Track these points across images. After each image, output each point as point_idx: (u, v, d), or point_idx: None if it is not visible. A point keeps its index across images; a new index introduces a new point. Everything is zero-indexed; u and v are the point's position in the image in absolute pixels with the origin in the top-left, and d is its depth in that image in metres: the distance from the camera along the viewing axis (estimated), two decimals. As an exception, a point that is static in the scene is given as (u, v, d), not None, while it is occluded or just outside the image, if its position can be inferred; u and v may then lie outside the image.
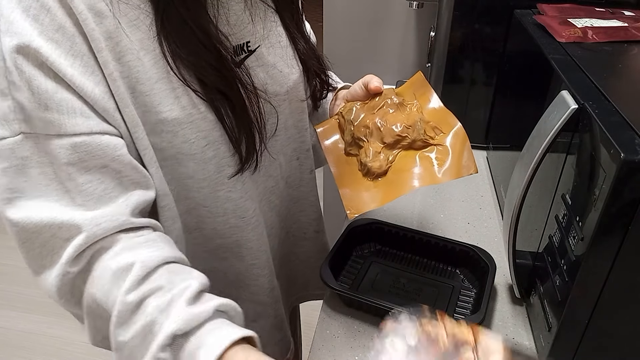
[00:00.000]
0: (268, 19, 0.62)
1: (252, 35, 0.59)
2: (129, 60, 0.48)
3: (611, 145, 0.44)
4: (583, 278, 0.50)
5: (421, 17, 1.32)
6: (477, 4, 0.96)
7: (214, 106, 0.54)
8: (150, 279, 0.48)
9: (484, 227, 0.85)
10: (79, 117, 0.46)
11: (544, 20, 0.76)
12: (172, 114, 0.51)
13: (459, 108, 1.06)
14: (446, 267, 0.76)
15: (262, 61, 0.60)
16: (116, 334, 0.47)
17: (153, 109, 0.51)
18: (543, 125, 0.57)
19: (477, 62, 1.01)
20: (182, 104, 0.52)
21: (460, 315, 0.68)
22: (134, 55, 0.49)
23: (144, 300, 0.46)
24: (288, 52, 0.65)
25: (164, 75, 0.50)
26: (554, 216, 0.58)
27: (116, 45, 0.48)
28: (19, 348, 1.77)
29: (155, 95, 0.50)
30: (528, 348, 0.64)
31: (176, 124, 0.52)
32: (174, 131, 0.52)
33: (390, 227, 0.78)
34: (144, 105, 0.50)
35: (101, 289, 0.48)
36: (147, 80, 0.50)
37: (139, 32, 0.49)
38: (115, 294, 0.47)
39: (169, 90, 0.51)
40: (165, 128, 0.52)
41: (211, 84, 0.53)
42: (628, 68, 0.66)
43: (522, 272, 0.67)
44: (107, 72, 0.47)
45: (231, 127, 0.56)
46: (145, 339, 0.45)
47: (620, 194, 0.44)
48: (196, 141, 0.54)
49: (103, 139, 0.48)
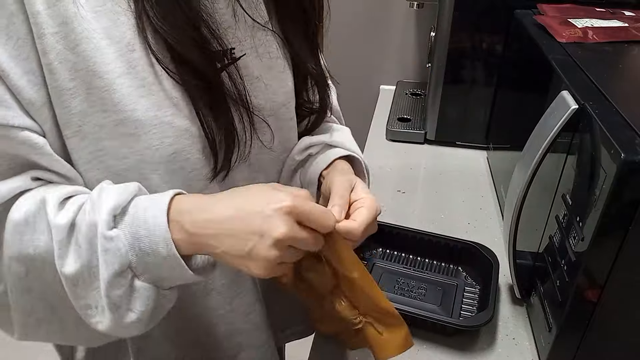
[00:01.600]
0: (257, 26, 0.55)
1: (239, 42, 0.53)
2: (85, 50, 0.43)
3: (611, 145, 0.44)
4: (583, 278, 0.50)
5: (421, 17, 1.32)
6: (478, 4, 0.96)
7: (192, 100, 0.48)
8: (68, 201, 0.45)
9: (484, 227, 0.85)
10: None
11: (544, 21, 0.76)
12: (135, 115, 0.45)
13: (459, 108, 1.07)
14: (449, 265, 0.76)
15: (247, 71, 0.54)
16: (62, 265, 0.43)
17: (113, 107, 0.45)
18: (543, 126, 0.57)
19: (477, 62, 1.01)
20: (147, 104, 0.46)
21: (468, 312, 0.68)
22: (93, 44, 0.43)
23: (74, 219, 0.43)
24: (278, 65, 0.58)
25: (129, 70, 0.45)
26: (555, 216, 0.58)
27: (71, 32, 0.42)
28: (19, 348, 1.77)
29: (115, 92, 0.44)
30: (528, 348, 0.64)
31: (139, 126, 0.46)
32: (136, 134, 0.46)
33: (390, 228, 0.78)
34: (101, 104, 0.44)
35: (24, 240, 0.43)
36: (106, 74, 0.44)
37: (105, 19, 0.43)
38: (43, 228, 0.43)
39: (133, 88, 0.45)
40: (126, 130, 0.46)
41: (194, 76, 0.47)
42: (628, 68, 0.66)
43: (523, 273, 0.67)
44: (46, 61, 0.42)
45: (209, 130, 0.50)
46: (92, 242, 0.43)
47: (621, 194, 0.44)
48: (161, 148, 0.47)
49: (21, 134, 0.43)
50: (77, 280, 0.43)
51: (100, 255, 0.42)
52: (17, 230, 0.43)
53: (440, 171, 1.02)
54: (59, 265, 0.43)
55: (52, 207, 0.43)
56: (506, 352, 0.64)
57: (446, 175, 1.01)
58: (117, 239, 0.43)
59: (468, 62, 1.02)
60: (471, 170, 1.02)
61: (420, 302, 0.69)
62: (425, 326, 0.65)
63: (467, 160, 1.06)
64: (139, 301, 0.45)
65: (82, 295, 0.44)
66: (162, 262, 0.43)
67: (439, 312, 0.67)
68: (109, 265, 0.42)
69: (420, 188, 0.97)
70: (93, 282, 0.44)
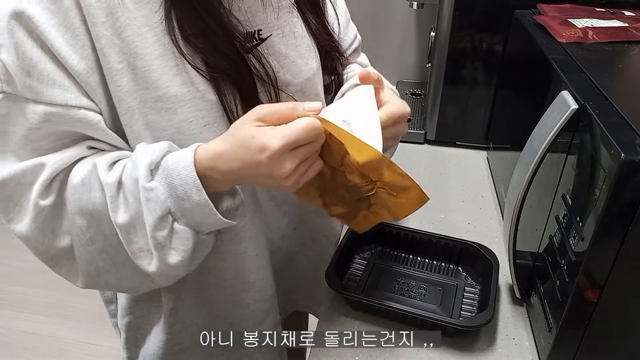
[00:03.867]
0: (283, 8, 0.61)
1: (264, 24, 0.58)
2: (128, 36, 0.49)
3: (611, 145, 0.44)
4: (583, 278, 0.50)
5: (421, 17, 1.32)
6: (478, 4, 0.96)
7: (215, 86, 0.54)
8: (116, 164, 0.52)
9: (484, 227, 0.85)
10: (57, 88, 0.48)
11: (544, 21, 0.76)
12: (171, 91, 0.52)
13: (459, 108, 1.07)
14: (449, 265, 0.76)
15: (274, 50, 0.59)
16: (116, 217, 0.50)
17: (152, 84, 0.51)
18: (543, 126, 0.57)
19: (477, 62, 1.01)
20: (181, 81, 0.52)
21: (468, 313, 0.68)
22: (134, 30, 0.50)
23: (121, 177, 0.51)
24: (304, 44, 0.63)
25: (165, 52, 0.51)
26: (555, 216, 0.58)
27: (116, 21, 0.49)
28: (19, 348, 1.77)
29: (154, 71, 0.51)
30: (528, 348, 0.64)
31: (175, 101, 0.52)
32: (173, 109, 0.53)
33: (391, 228, 0.78)
34: (144, 82, 0.51)
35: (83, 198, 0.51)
36: (147, 56, 0.50)
37: (145, 8, 0.50)
38: (97, 187, 0.51)
39: (169, 67, 0.51)
40: (164, 105, 0.52)
41: (216, 66, 0.53)
42: (628, 68, 0.66)
43: (523, 273, 0.67)
44: (99, 45, 0.49)
45: (234, 110, 0.55)
46: (136, 195, 0.50)
47: (621, 194, 0.44)
48: (195, 120, 0.54)
49: (78, 112, 0.50)
50: (129, 228, 0.51)
51: (143, 204, 0.50)
52: (76, 191, 0.51)
53: (440, 171, 1.02)
54: (113, 217, 0.51)
55: (103, 170, 0.51)
56: (506, 352, 0.64)
57: (446, 175, 1.01)
58: (156, 189, 0.50)
59: (468, 62, 1.02)
60: (471, 170, 1.02)
61: (420, 302, 0.69)
62: (425, 326, 0.65)
63: (467, 160, 1.06)
64: (180, 241, 0.52)
65: (135, 241, 0.52)
66: (195, 206, 0.50)
67: (439, 312, 0.67)
68: (152, 211, 0.50)
69: (420, 188, 0.97)
70: (142, 228, 0.51)
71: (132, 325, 0.70)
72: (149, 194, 0.50)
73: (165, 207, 0.50)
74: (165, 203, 0.50)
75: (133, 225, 0.51)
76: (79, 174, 0.51)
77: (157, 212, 0.50)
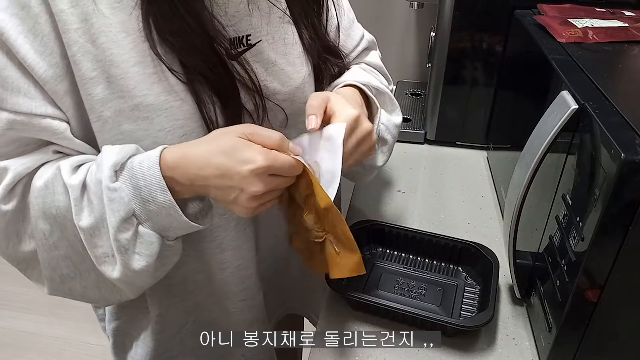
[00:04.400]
0: (274, 14, 0.59)
1: (254, 29, 0.56)
2: (103, 43, 0.48)
3: (611, 145, 0.44)
4: (583, 278, 0.50)
5: (421, 17, 1.32)
6: (477, 4, 0.96)
7: (193, 92, 0.52)
8: (80, 167, 0.51)
9: (484, 228, 0.85)
10: (22, 96, 0.47)
11: (544, 21, 0.76)
12: (148, 99, 0.50)
13: (459, 108, 1.07)
14: (449, 265, 0.76)
15: (262, 57, 0.58)
16: (80, 220, 0.49)
17: (128, 93, 0.49)
18: (543, 126, 0.57)
19: (477, 62, 1.01)
20: (158, 90, 0.50)
21: (468, 313, 0.68)
22: (109, 37, 0.48)
23: (85, 179, 0.49)
24: (294, 51, 0.61)
25: (142, 60, 0.49)
26: (555, 216, 0.58)
27: (91, 27, 0.47)
28: (19, 348, 1.77)
29: (130, 79, 0.49)
30: (528, 348, 0.64)
31: (151, 110, 0.51)
32: (149, 118, 0.51)
33: (390, 228, 0.78)
34: (119, 90, 0.49)
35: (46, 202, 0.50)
36: (122, 63, 0.49)
37: (121, 14, 0.48)
38: (60, 190, 0.49)
39: (146, 75, 0.50)
40: (140, 114, 0.51)
41: (192, 67, 0.51)
42: (628, 68, 0.66)
43: (523, 273, 0.67)
44: (71, 53, 0.47)
45: (213, 120, 0.54)
46: (100, 197, 0.49)
47: (621, 194, 0.44)
48: (172, 130, 0.52)
49: (43, 121, 0.48)
50: (93, 231, 0.49)
51: (106, 205, 0.48)
52: (39, 195, 0.50)
53: (440, 171, 1.02)
54: (77, 220, 0.49)
55: (67, 172, 0.49)
56: (506, 352, 0.64)
57: (446, 175, 1.01)
58: (120, 190, 0.48)
59: (468, 62, 1.02)
60: (471, 170, 1.02)
61: (420, 302, 0.69)
62: (425, 326, 0.65)
63: (467, 160, 1.06)
64: (144, 246, 0.50)
65: (99, 244, 0.50)
66: (160, 208, 0.49)
67: (439, 312, 0.67)
68: (115, 212, 0.48)
69: (420, 188, 0.97)
70: (106, 232, 0.49)
71: (120, 330, 0.70)
72: (112, 194, 0.48)
73: (130, 208, 0.49)
74: (130, 204, 0.49)
75: (97, 228, 0.49)
76: (42, 177, 0.50)
77: (120, 213, 0.48)
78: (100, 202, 0.49)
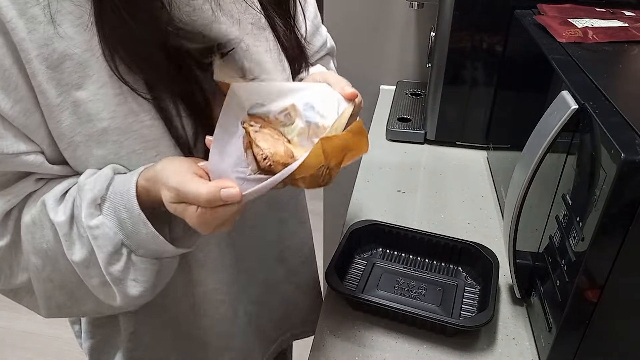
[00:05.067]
0: (246, 20, 0.55)
1: (225, 37, 0.52)
2: (69, 67, 0.44)
3: (611, 145, 0.44)
4: (583, 278, 0.50)
5: (421, 17, 1.32)
6: (477, 4, 0.96)
7: (163, 114, 0.49)
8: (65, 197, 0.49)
9: (484, 228, 0.85)
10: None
11: (544, 21, 0.76)
12: (115, 122, 0.47)
13: (459, 108, 1.07)
14: (449, 265, 0.76)
15: (236, 66, 0.53)
16: (72, 255, 0.48)
17: (95, 116, 0.46)
18: (543, 126, 0.57)
19: (477, 62, 1.01)
20: (124, 112, 0.47)
21: (468, 313, 0.68)
22: (75, 60, 0.44)
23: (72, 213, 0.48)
24: (269, 58, 0.57)
25: (106, 80, 0.46)
26: (555, 216, 0.58)
27: (53, 52, 0.43)
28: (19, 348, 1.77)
29: (98, 102, 0.46)
30: (528, 348, 0.64)
31: (120, 134, 0.47)
32: (118, 141, 0.48)
33: (390, 228, 0.78)
34: (86, 115, 0.46)
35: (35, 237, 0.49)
36: (92, 85, 0.45)
37: (85, 33, 0.44)
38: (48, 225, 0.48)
39: (112, 96, 0.46)
40: (109, 138, 0.48)
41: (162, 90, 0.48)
42: (628, 68, 0.66)
43: (523, 273, 0.67)
44: (36, 83, 0.44)
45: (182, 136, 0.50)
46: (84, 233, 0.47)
47: (621, 194, 0.44)
48: (144, 152, 0.49)
49: (16, 159, 0.46)
50: (88, 263, 0.48)
51: (92, 243, 0.47)
52: (28, 231, 0.49)
53: (440, 171, 1.02)
54: (69, 255, 0.48)
55: (51, 208, 0.48)
56: (506, 352, 0.64)
57: (446, 175, 1.01)
58: (102, 226, 0.47)
59: (468, 62, 1.02)
60: (471, 170, 1.02)
61: (420, 302, 0.69)
62: (425, 326, 0.65)
63: (467, 160, 1.06)
64: (140, 272, 0.49)
65: (95, 274, 0.49)
66: (146, 238, 0.48)
67: (439, 312, 0.67)
68: (102, 248, 0.47)
69: (420, 188, 0.97)
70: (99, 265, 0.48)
71: (95, 349, 0.69)
72: (94, 231, 0.47)
73: (117, 240, 0.47)
74: (116, 237, 0.47)
75: (92, 261, 0.48)
76: (29, 213, 0.49)
77: (107, 248, 0.47)
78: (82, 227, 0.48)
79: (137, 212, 0.47)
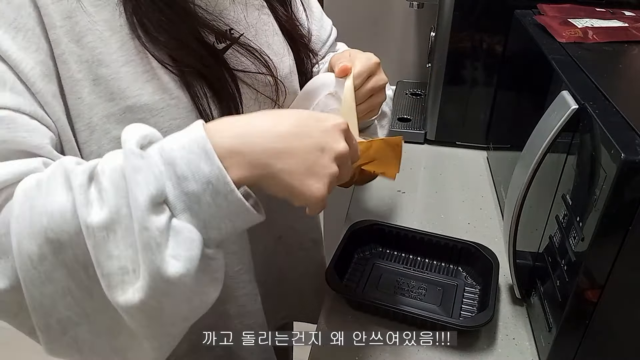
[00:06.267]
0: (252, 6, 0.59)
1: (235, 23, 0.56)
2: (90, 42, 0.44)
3: (611, 145, 0.44)
4: (583, 278, 0.50)
5: (421, 17, 1.32)
6: (477, 4, 0.96)
7: (190, 90, 0.50)
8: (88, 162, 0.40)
9: (484, 228, 0.85)
10: (7, 91, 0.41)
11: (544, 21, 0.76)
12: (142, 99, 0.47)
13: (459, 108, 1.07)
14: (449, 265, 0.76)
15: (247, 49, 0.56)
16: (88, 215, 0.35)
17: (119, 94, 0.46)
18: (543, 126, 0.57)
19: (477, 62, 1.01)
20: (152, 89, 0.47)
21: (468, 313, 0.68)
22: (96, 36, 0.44)
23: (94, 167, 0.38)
24: (276, 41, 0.61)
25: (132, 58, 0.46)
26: (555, 216, 0.58)
27: (75, 25, 0.43)
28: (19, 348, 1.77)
29: (121, 80, 0.46)
30: (528, 348, 0.64)
31: (146, 111, 0.47)
32: (144, 119, 0.47)
33: (391, 228, 0.78)
34: (109, 92, 0.46)
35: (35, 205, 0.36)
36: (112, 63, 0.45)
37: (105, 11, 0.45)
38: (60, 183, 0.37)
39: (138, 74, 0.47)
40: (134, 116, 0.47)
41: (186, 64, 0.49)
42: (628, 68, 0.66)
43: (523, 273, 0.67)
44: (58, 52, 0.43)
45: (209, 114, 0.51)
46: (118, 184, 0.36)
47: (621, 194, 0.44)
48: (170, 130, 0.45)
49: (32, 122, 0.41)
50: (107, 232, 0.35)
51: (130, 177, 0.35)
52: (28, 196, 0.37)
53: (440, 171, 1.02)
54: (84, 217, 0.35)
55: (70, 163, 0.39)
56: (506, 352, 0.64)
57: (446, 175, 1.01)
58: (148, 157, 0.37)
59: (468, 62, 1.02)
60: (471, 170, 1.02)
61: (420, 302, 0.69)
62: (425, 326, 0.65)
63: (467, 160, 1.06)
64: (182, 244, 0.36)
65: (114, 254, 0.36)
66: (205, 188, 0.37)
67: (439, 312, 0.67)
68: (142, 187, 0.35)
69: (420, 188, 0.97)
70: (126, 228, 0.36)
71: None
72: (139, 161, 0.36)
73: (162, 185, 0.36)
74: (162, 180, 0.36)
75: (113, 225, 0.35)
76: (33, 178, 0.38)
77: (149, 187, 0.35)
78: (116, 188, 0.36)
79: (201, 141, 0.37)
